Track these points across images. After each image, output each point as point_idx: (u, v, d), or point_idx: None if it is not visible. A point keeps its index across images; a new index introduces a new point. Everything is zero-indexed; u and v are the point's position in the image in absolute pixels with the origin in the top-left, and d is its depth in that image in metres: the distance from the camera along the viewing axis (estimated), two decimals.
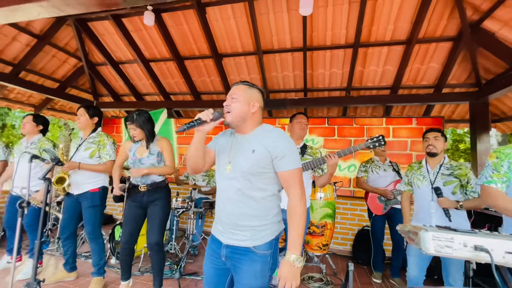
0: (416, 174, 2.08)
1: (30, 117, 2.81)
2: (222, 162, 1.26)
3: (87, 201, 2.39)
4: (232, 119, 1.19)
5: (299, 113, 2.28)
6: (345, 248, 3.75)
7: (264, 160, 1.15)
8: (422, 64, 3.33)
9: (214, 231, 1.28)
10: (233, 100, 1.19)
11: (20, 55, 3.72)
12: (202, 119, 1.15)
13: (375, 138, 2.00)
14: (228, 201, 1.19)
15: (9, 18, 1.96)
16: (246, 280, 1.13)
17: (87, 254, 3.24)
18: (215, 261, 1.23)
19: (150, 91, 4.62)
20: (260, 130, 1.23)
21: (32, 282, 1.80)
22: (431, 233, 1.08)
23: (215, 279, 1.24)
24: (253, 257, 1.14)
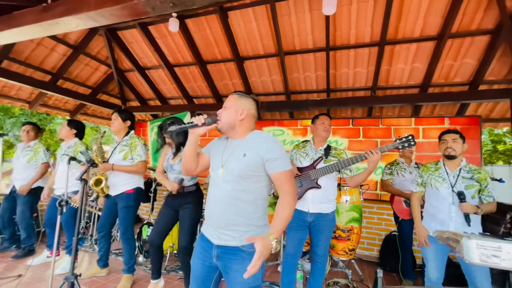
0: (434, 176, 1.99)
1: (65, 123, 3.02)
2: (215, 166, 1.35)
3: (122, 202, 2.51)
4: (222, 125, 1.31)
5: (322, 113, 2.22)
6: (372, 254, 3.61)
7: (255, 164, 1.23)
8: (455, 60, 3.13)
9: (205, 230, 1.36)
10: (224, 109, 1.33)
11: (58, 65, 4.01)
12: (194, 122, 1.30)
13: (404, 138, 1.92)
14: (219, 203, 1.27)
15: (51, 31, 2.12)
16: (240, 279, 1.18)
17: (117, 251, 3.40)
18: (204, 258, 1.31)
19: (174, 95, 4.77)
20: (252, 136, 1.32)
21: (70, 276, 1.92)
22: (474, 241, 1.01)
23: (203, 275, 1.32)
24: (243, 255, 1.21)
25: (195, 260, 1.35)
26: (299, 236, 2.06)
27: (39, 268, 2.85)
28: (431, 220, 1.98)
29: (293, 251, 2.07)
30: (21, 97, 4.32)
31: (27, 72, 3.80)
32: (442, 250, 1.90)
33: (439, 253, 1.90)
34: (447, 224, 1.87)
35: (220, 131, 1.35)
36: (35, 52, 3.70)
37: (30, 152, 3.25)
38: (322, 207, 2.02)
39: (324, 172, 1.99)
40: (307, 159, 2.12)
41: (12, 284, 2.47)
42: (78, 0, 1.84)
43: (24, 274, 2.57)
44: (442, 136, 2.02)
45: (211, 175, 1.37)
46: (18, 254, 3.13)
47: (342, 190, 2.63)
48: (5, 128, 10.47)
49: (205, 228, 1.35)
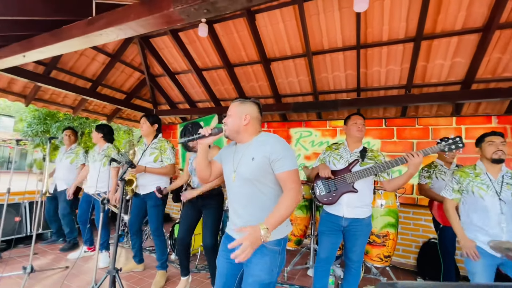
0: (476, 183, 1.79)
1: (94, 128, 3.25)
2: (227, 172, 1.41)
3: (151, 201, 2.64)
4: (228, 132, 1.37)
5: (354, 113, 2.14)
6: (408, 262, 3.40)
7: (264, 166, 1.26)
8: (503, 53, 2.85)
9: (229, 230, 1.43)
10: (228, 116, 1.39)
11: (97, 72, 4.32)
12: (201, 133, 1.36)
13: (450, 140, 1.76)
14: (238, 205, 1.34)
15: (94, 42, 2.29)
16: (256, 272, 1.24)
17: (151, 248, 3.57)
18: (229, 256, 1.31)
19: (202, 98, 4.91)
20: (258, 139, 1.36)
21: (112, 269, 2.04)
22: None
23: (228, 273, 1.37)
24: (263, 250, 1.25)
25: (220, 259, 1.42)
26: (332, 240, 2.00)
27: (79, 261, 3.08)
28: (477, 232, 1.79)
29: (326, 255, 2.02)
30: (67, 103, 4.72)
31: (72, 80, 4.15)
32: (492, 263, 1.72)
33: (488, 267, 1.72)
34: (498, 236, 1.68)
35: (228, 137, 1.41)
36: (78, 62, 4.03)
37: (72, 154, 3.55)
38: (357, 211, 1.95)
39: (361, 175, 1.90)
40: (342, 161, 2.05)
41: (61, 275, 2.70)
42: (119, 12, 1.97)
43: (71, 267, 2.79)
44: (487, 138, 1.84)
45: (226, 181, 1.44)
46: (65, 247, 3.41)
47: (377, 194, 2.51)
48: (51, 132, 11.53)
49: (229, 227, 1.43)
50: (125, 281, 2.62)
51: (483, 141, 1.86)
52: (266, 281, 1.24)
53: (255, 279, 1.24)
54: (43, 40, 2.36)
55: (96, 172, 2.95)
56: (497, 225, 1.70)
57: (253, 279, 1.24)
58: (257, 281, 1.24)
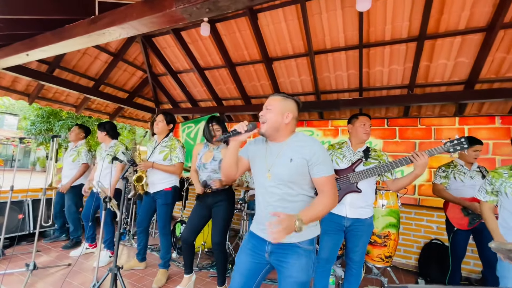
0: (510, 183, 1.71)
1: (97, 127, 3.20)
2: (260, 170, 1.34)
3: (161, 199, 2.65)
4: (267, 129, 1.28)
5: (362, 114, 2.10)
6: (409, 262, 3.39)
7: (302, 168, 1.24)
8: (508, 53, 2.82)
9: (255, 229, 1.38)
10: (267, 111, 1.29)
11: (100, 71, 4.34)
12: (237, 130, 1.27)
13: (455, 141, 1.73)
14: (270, 206, 1.28)
15: (97, 40, 2.30)
16: (295, 273, 1.23)
17: (152, 247, 3.59)
18: (255, 256, 1.32)
19: (204, 98, 4.92)
20: (294, 139, 1.31)
21: (113, 267, 2.05)
22: None
23: (251, 271, 1.33)
24: (299, 251, 1.25)
25: (242, 257, 1.37)
26: (334, 241, 1.99)
27: (81, 259, 3.09)
28: (509, 235, 1.68)
29: (327, 255, 2.00)
30: (69, 102, 4.75)
31: (75, 79, 4.17)
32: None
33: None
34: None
35: (263, 134, 1.33)
36: (81, 61, 4.05)
37: (75, 152, 3.54)
38: (360, 211, 1.93)
39: (365, 175, 1.89)
40: (345, 161, 2.03)
41: (63, 272, 2.72)
42: (122, 11, 1.97)
43: (73, 264, 2.81)
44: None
45: (256, 179, 1.38)
46: (68, 245, 3.44)
47: (378, 194, 2.50)
48: (54, 130, 11.59)
49: (256, 226, 1.38)
50: (126, 279, 2.63)
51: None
52: (304, 280, 1.26)
53: (294, 280, 1.24)
54: (46, 39, 2.38)
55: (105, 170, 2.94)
56: None
57: (292, 280, 1.24)
58: (296, 282, 1.24)
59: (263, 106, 1.34)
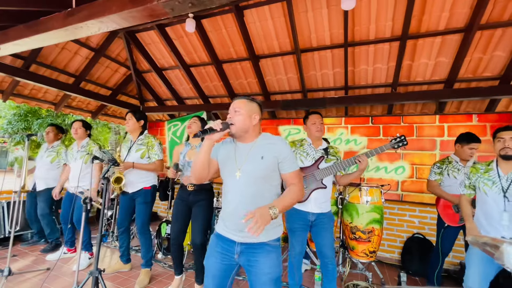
0: (483, 178, 1.80)
1: (80, 123, 3.11)
2: (229, 170, 1.37)
3: (140, 198, 2.60)
4: (236, 130, 1.33)
5: (312, 112, 2.22)
6: (393, 256, 3.49)
7: (273, 165, 1.32)
8: (484, 53, 2.94)
9: (222, 230, 1.39)
10: (236, 113, 1.33)
11: (81, 67, 4.17)
12: (213, 128, 1.28)
13: (397, 138, 2.05)
14: (241, 204, 1.31)
15: (75, 34, 2.19)
16: (267, 269, 1.28)
17: (137, 248, 3.50)
18: (224, 258, 1.34)
19: (190, 95, 4.83)
20: (263, 139, 1.39)
21: (94, 271, 1.98)
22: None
23: (222, 274, 1.35)
24: (268, 248, 1.31)
25: (211, 260, 1.38)
26: (303, 235, 2.13)
27: (60, 262, 2.96)
28: (481, 228, 1.78)
29: (299, 249, 2.13)
30: (48, 99, 4.53)
31: (53, 75, 3.99)
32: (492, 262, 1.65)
33: (484, 259, 1.66)
34: (498, 233, 1.68)
35: (233, 136, 1.38)
36: (60, 56, 3.87)
37: (53, 153, 3.39)
38: (323, 206, 2.07)
39: (330, 171, 2.04)
40: (308, 158, 2.14)
41: (41, 277, 2.60)
42: (101, 4, 1.89)
43: (52, 268, 2.70)
44: (498, 134, 1.80)
45: (224, 179, 1.41)
46: (47, 248, 3.29)
47: (362, 190, 2.55)
48: (32, 129, 11.08)
49: (223, 228, 1.38)
50: (110, 282, 2.56)
51: (495, 137, 1.82)
52: (277, 275, 1.31)
53: (269, 276, 1.28)
54: (19, 32, 2.25)
55: (78, 170, 2.83)
56: (496, 222, 1.69)
57: (267, 276, 1.28)
58: (271, 277, 1.28)
59: (229, 109, 1.38)
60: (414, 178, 3.36)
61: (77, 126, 3.08)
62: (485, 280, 1.68)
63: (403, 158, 3.41)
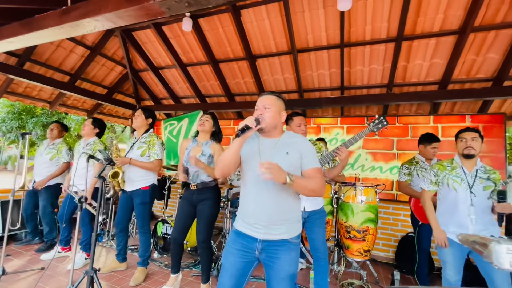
0: (452, 176, 1.92)
1: (90, 120, 3.12)
2: (253, 165, 1.35)
3: (138, 198, 2.59)
4: (266, 126, 1.34)
5: (296, 113, 2.19)
6: (387, 255, 3.53)
7: (296, 161, 1.33)
8: (477, 55, 2.99)
9: (242, 227, 1.38)
10: (267, 110, 1.35)
11: (76, 66, 4.14)
12: (249, 125, 1.27)
13: (376, 121, 2.04)
14: (264, 201, 1.31)
15: (70, 33, 2.18)
16: (287, 267, 1.30)
17: (133, 247, 3.49)
18: (244, 255, 1.34)
19: (187, 94, 4.82)
20: (287, 136, 1.42)
21: (90, 270, 1.97)
22: (505, 245, 0.96)
23: (241, 271, 1.34)
24: (290, 246, 1.32)
25: (230, 258, 1.36)
26: None
27: (54, 262, 2.94)
28: (448, 222, 1.91)
29: None
30: (43, 98, 4.49)
31: (48, 73, 3.95)
32: (460, 252, 1.85)
33: (457, 255, 1.86)
34: (466, 227, 1.82)
35: (262, 130, 1.38)
36: (55, 54, 3.83)
37: (54, 150, 3.35)
38: (315, 203, 2.10)
39: None
40: None
41: (35, 277, 2.59)
42: (96, 2, 1.88)
43: (46, 268, 2.68)
44: (460, 134, 1.95)
45: (247, 175, 1.39)
46: (41, 248, 3.26)
47: (357, 190, 2.57)
48: (27, 128, 10.95)
49: (243, 225, 1.38)
50: (105, 281, 2.55)
51: (458, 137, 1.97)
52: (294, 272, 1.34)
53: (288, 273, 1.31)
54: (14, 30, 2.23)
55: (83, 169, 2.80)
56: (466, 216, 1.82)
57: (286, 273, 1.30)
58: (289, 274, 1.31)
59: (258, 104, 1.38)
60: None
61: (87, 123, 3.07)
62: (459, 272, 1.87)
63: (398, 158, 3.45)
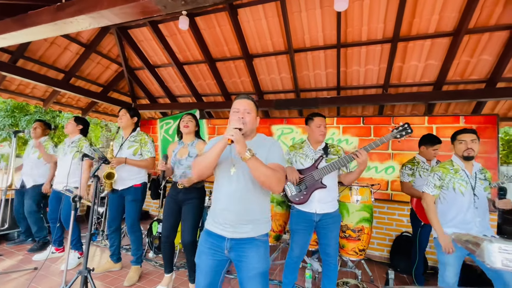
0: (457, 179, 1.89)
1: (72, 118, 3.10)
2: (225, 166, 1.39)
3: (130, 195, 2.59)
4: (246, 130, 1.36)
5: (317, 114, 2.15)
6: (382, 254, 3.55)
7: (264, 161, 1.32)
8: (471, 57, 3.02)
9: (212, 227, 1.40)
10: (248, 114, 1.39)
11: (71, 63, 4.09)
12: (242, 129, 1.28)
13: (400, 127, 1.88)
14: (233, 200, 1.34)
15: (64, 29, 2.15)
16: (256, 264, 1.32)
17: (128, 247, 3.46)
18: (215, 254, 1.36)
19: (183, 93, 4.80)
20: (259, 138, 1.46)
21: (83, 270, 1.95)
22: (497, 244, 0.97)
23: (213, 270, 1.37)
24: (257, 243, 1.35)
25: (202, 257, 1.39)
26: (306, 237, 2.08)
27: (48, 262, 2.89)
28: (454, 226, 1.87)
29: (298, 252, 2.10)
30: (36, 95, 4.43)
31: (42, 71, 3.89)
32: (461, 255, 1.84)
33: (457, 258, 1.84)
34: (471, 229, 1.80)
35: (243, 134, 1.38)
36: (49, 51, 3.78)
37: None
38: (328, 206, 2.04)
39: (327, 171, 2.00)
40: (308, 160, 2.12)
41: (28, 277, 2.55)
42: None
43: (40, 268, 2.65)
44: (458, 136, 1.93)
45: (219, 175, 1.42)
46: (34, 248, 3.22)
47: (353, 190, 2.59)
48: (20, 125, 10.79)
49: (213, 224, 1.40)
50: (99, 281, 2.52)
51: (455, 139, 1.95)
52: (265, 270, 1.35)
53: (257, 270, 1.32)
54: (6, 26, 2.19)
55: (67, 167, 2.78)
56: (472, 219, 1.81)
57: (255, 271, 1.32)
58: (259, 272, 1.32)
59: (238, 107, 1.40)
60: None
61: (69, 121, 3.06)
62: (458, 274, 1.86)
63: (393, 158, 3.48)
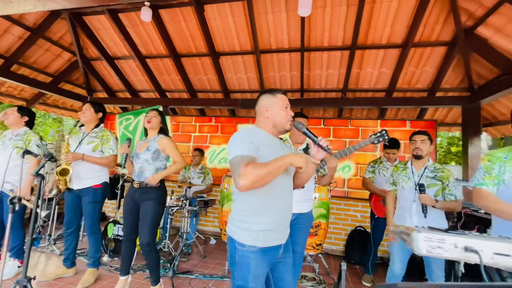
0: (402, 175, 2.13)
1: (14, 109, 2.70)
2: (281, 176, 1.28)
3: (89, 196, 2.40)
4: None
5: (301, 115, 2.15)
6: (338, 248, 3.79)
7: None
8: (417, 67, 3.38)
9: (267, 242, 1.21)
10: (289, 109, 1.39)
11: (13, 48, 3.63)
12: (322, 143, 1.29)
13: (378, 133, 1.96)
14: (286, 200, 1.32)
15: (3, 10, 1.91)
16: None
17: (80, 251, 3.20)
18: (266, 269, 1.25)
19: (145, 88, 4.57)
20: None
21: (22, 279, 1.76)
22: (423, 234, 1.11)
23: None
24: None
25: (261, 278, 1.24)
26: None
27: None
28: (398, 218, 2.08)
29: None
30: None
31: None
32: (405, 246, 1.96)
33: (403, 248, 2.01)
34: (409, 220, 1.99)
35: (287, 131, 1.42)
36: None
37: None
38: (303, 206, 2.04)
39: None
40: None
41: None
42: None
43: None
44: (412, 137, 2.13)
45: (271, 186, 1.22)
46: None
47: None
48: None
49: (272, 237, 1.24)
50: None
51: (410, 140, 2.16)
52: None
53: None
54: None
55: (5, 162, 2.42)
56: (408, 210, 2.01)
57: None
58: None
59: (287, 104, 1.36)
60: (358, 176, 3.71)
61: (10, 112, 2.66)
62: (404, 263, 2.04)
63: (349, 158, 3.73)
